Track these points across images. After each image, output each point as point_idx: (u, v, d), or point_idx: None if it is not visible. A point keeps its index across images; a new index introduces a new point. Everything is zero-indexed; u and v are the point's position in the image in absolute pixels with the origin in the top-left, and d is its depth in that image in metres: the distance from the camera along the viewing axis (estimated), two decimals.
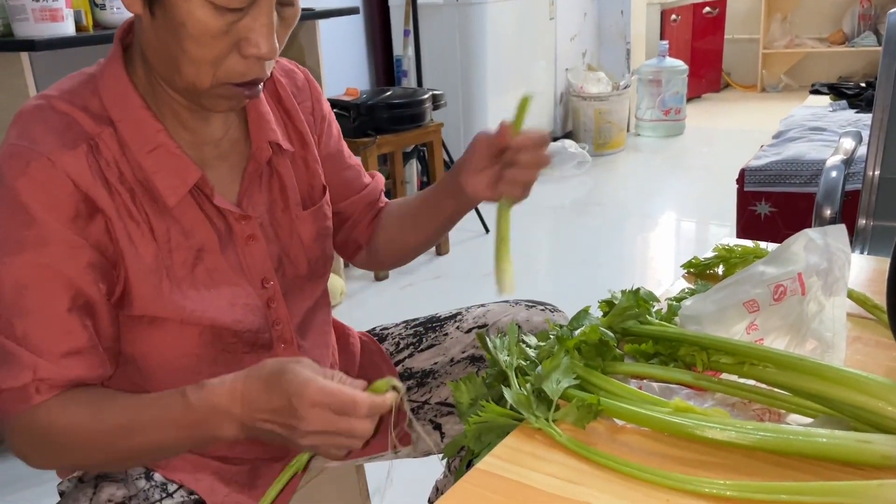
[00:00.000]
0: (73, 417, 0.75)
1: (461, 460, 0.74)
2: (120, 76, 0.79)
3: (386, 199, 1.09)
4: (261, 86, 0.79)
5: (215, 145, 0.85)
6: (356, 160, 1.05)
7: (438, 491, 1.12)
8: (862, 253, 1.57)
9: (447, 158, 3.22)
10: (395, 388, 0.72)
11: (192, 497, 0.82)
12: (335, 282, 2.63)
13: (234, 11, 0.71)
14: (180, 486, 0.83)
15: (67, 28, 1.78)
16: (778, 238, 0.87)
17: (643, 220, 3.55)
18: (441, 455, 0.96)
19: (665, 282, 2.79)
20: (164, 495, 0.81)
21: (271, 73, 0.87)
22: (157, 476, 0.82)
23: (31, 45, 1.68)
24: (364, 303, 2.76)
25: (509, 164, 0.87)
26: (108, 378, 0.81)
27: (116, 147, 0.78)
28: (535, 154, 0.86)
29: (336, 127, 1.02)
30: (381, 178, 1.09)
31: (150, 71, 0.79)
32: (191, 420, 0.73)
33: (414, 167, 3.49)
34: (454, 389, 0.76)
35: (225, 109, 0.81)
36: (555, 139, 4.35)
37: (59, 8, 1.74)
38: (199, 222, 0.82)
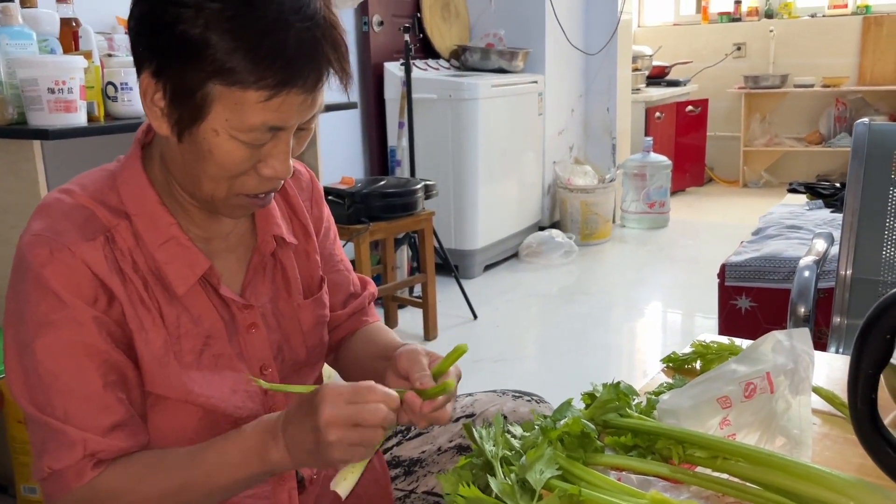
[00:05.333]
0: (134, 478, 0.79)
1: None
2: (138, 174, 0.86)
3: (375, 316, 1.08)
4: (272, 195, 0.86)
5: (224, 239, 0.91)
6: (347, 265, 1.07)
7: None
8: (837, 351, 1.62)
9: (437, 246, 3.29)
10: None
11: None
12: (325, 368, 2.62)
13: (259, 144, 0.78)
14: None
15: (80, 119, 1.85)
16: (758, 332, 0.92)
17: (629, 310, 3.61)
18: None
19: (651, 371, 2.81)
20: None
21: None
22: None
23: (44, 135, 1.74)
24: None
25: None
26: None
27: (131, 239, 0.84)
28: (432, 412, 0.80)
29: (334, 231, 1.06)
30: (372, 290, 1.09)
31: (168, 174, 0.86)
32: (245, 447, 0.79)
33: (405, 253, 3.57)
34: (443, 482, 0.78)
35: (239, 216, 0.89)
36: (542, 228, 4.46)
37: (74, 100, 1.82)
38: (207, 310, 0.87)
